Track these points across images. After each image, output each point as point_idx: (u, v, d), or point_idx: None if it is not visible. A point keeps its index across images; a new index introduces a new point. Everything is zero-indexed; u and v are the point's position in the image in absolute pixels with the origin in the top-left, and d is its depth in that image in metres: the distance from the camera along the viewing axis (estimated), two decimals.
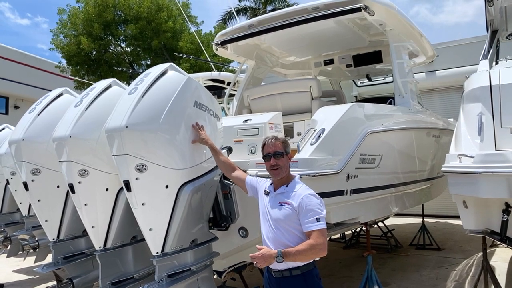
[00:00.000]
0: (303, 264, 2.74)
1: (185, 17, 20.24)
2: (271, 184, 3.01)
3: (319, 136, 3.72)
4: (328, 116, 3.99)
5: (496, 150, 3.52)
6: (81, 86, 19.78)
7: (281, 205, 2.81)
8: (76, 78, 21.40)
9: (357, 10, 5.00)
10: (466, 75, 4.76)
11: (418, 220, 8.71)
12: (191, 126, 3.28)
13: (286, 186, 2.89)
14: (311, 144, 3.65)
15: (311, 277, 2.78)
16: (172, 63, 3.40)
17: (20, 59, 22.50)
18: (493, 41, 5.60)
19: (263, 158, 3.01)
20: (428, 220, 9.26)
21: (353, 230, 8.45)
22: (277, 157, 2.89)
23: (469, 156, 3.48)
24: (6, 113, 21.88)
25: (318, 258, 2.80)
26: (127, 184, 2.97)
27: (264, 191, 3.03)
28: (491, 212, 3.65)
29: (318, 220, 2.68)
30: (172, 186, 3.09)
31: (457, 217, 4.09)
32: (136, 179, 2.95)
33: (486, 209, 3.67)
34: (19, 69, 22.02)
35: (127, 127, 2.93)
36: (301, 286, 2.75)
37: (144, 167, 2.95)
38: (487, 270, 4.79)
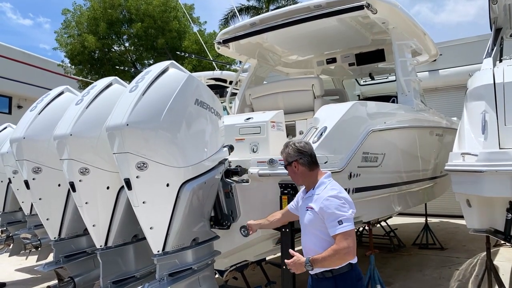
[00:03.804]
0: (337, 267, 2.71)
1: (188, 18, 20.25)
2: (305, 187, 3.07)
3: (321, 134, 3.70)
4: (330, 114, 3.96)
5: (500, 148, 3.49)
6: (85, 86, 19.84)
7: (307, 210, 2.83)
8: (80, 78, 21.45)
9: (360, 8, 4.96)
10: (469, 73, 4.73)
11: (421, 220, 8.67)
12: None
13: (313, 189, 2.90)
14: (313, 142, 3.62)
15: (344, 280, 2.72)
16: (173, 61, 3.37)
17: (23, 58, 22.56)
18: (497, 39, 5.56)
19: None
20: (431, 220, 9.21)
21: (355, 230, 8.40)
22: (286, 168, 3.03)
23: (473, 155, 3.45)
24: (9, 112, 21.95)
25: (355, 261, 2.74)
26: (127, 182, 2.96)
27: (301, 197, 3.08)
28: (495, 211, 3.62)
29: (340, 222, 2.60)
30: (173, 184, 3.06)
31: (461, 217, 4.06)
32: (137, 177, 2.93)
33: (490, 208, 3.64)
34: (22, 69, 22.07)
35: (127, 125, 2.91)
36: None
37: (145, 165, 2.94)
38: (490, 269, 4.75)
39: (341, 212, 2.63)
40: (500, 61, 5.29)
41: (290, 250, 2.89)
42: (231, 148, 3.72)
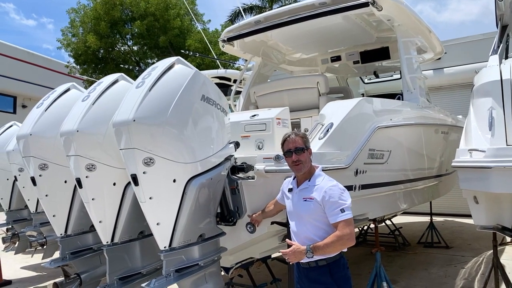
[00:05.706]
0: (332, 255, 2.82)
1: (192, 15, 20.29)
2: (294, 178, 3.10)
3: (327, 130, 3.69)
4: (336, 111, 3.95)
5: (507, 144, 3.47)
6: (89, 85, 19.89)
7: (305, 200, 2.90)
8: (85, 77, 21.56)
9: (365, 5, 4.95)
10: (476, 70, 4.70)
11: (426, 219, 8.64)
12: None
13: (309, 181, 2.97)
14: (319, 139, 3.62)
15: (337, 267, 2.87)
16: (179, 57, 3.37)
17: (27, 58, 22.67)
18: (503, 36, 5.53)
19: (284, 154, 3.07)
20: (436, 219, 9.18)
21: (360, 228, 8.40)
22: (298, 152, 2.96)
23: (480, 151, 3.43)
24: (14, 112, 22.07)
25: (345, 250, 2.87)
26: (134, 178, 2.95)
27: (288, 189, 3.11)
28: (502, 208, 3.60)
29: (342, 210, 2.75)
30: (179, 180, 3.06)
31: (466, 215, 4.04)
32: (144, 173, 2.93)
33: (498, 204, 3.61)
34: (26, 69, 22.18)
35: (134, 120, 2.91)
36: (326, 275, 2.83)
37: (152, 161, 2.94)
38: (497, 267, 4.72)
39: (342, 201, 2.79)
40: (506, 57, 5.27)
41: (287, 240, 2.96)
42: (237, 145, 3.72)
